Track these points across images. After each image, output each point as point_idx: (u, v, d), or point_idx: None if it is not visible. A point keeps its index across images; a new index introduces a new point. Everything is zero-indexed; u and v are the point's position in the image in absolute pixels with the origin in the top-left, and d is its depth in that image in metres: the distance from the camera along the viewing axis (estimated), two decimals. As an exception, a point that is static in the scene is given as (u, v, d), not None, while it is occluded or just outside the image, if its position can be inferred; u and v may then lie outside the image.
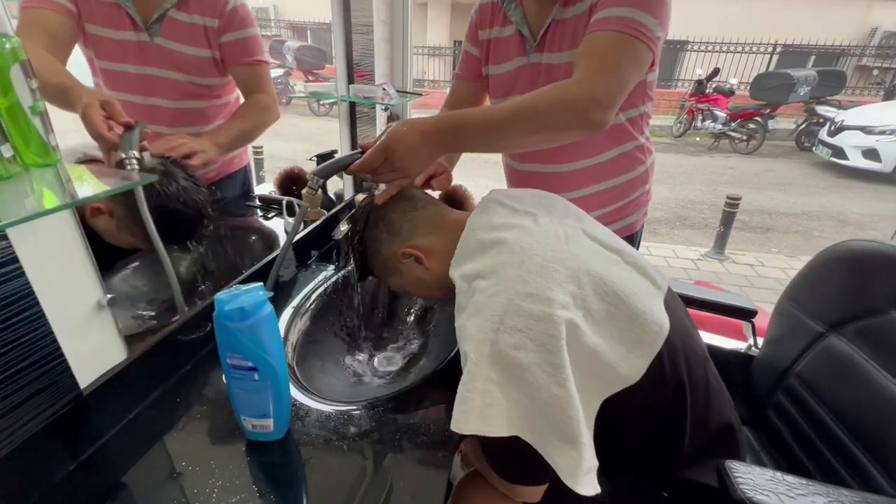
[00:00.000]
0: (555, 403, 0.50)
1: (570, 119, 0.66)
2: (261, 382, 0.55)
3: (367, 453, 0.60)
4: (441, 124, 0.64)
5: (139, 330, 0.77)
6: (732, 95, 6.87)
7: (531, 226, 0.62)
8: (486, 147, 0.69)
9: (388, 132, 0.63)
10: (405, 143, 0.62)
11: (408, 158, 0.63)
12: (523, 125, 0.65)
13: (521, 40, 0.88)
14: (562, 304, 0.53)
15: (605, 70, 0.68)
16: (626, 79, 0.69)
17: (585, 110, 0.66)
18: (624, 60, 0.69)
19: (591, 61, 0.69)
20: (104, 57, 0.84)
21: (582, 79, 0.67)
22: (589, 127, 0.67)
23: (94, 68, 0.86)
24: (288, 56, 5.57)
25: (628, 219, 1.00)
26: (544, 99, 0.66)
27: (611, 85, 0.67)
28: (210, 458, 0.58)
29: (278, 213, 1.21)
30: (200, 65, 0.92)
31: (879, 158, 5.16)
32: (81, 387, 0.56)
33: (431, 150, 0.64)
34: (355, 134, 1.30)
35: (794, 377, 0.95)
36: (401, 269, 0.69)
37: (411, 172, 0.66)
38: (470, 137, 0.66)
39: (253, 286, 0.53)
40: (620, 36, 0.69)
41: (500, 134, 0.66)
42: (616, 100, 0.68)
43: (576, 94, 0.66)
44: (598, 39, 0.71)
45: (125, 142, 0.64)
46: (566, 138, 0.70)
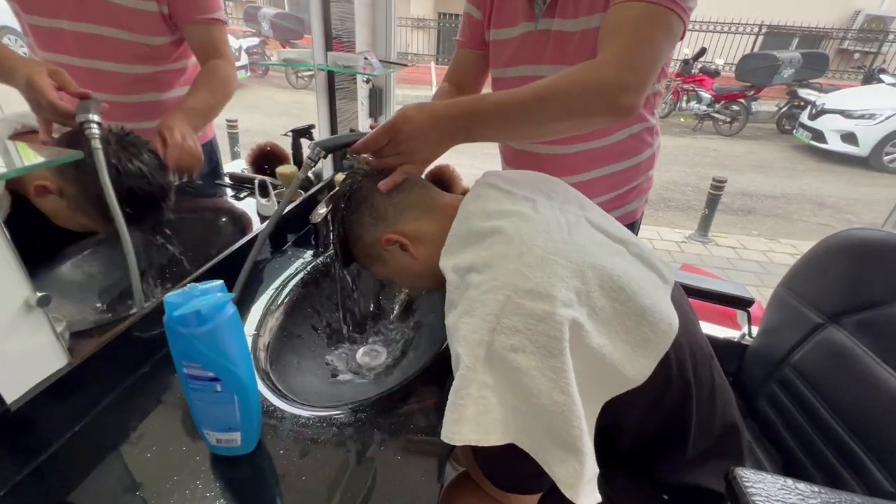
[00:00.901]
0: (556, 411, 0.45)
1: (597, 104, 0.59)
2: (224, 394, 0.48)
3: (350, 465, 0.54)
4: (453, 110, 0.58)
5: (90, 326, 0.69)
6: (718, 76, 6.85)
7: (530, 213, 0.56)
8: (503, 135, 0.63)
9: (398, 112, 0.58)
10: (413, 124, 0.57)
11: (414, 141, 0.58)
12: (544, 111, 0.59)
13: (528, 3, 0.79)
14: (564, 302, 0.47)
15: (636, 48, 0.60)
16: (658, 56, 0.62)
17: (614, 94, 0.59)
18: (656, 35, 0.61)
19: (620, 38, 0.61)
20: (32, 11, 0.72)
21: (610, 59, 0.60)
22: (618, 112, 0.60)
23: (22, 25, 0.74)
24: (264, 24, 5.27)
25: (629, 206, 0.94)
26: (568, 82, 0.59)
27: (642, 64, 0.60)
28: (171, 474, 0.52)
29: (251, 192, 1.11)
30: (146, 21, 0.80)
31: (857, 143, 5.24)
32: (9, 402, 0.48)
33: (440, 135, 0.59)
34: (334, 108, 1.19)
35: (789, 368, 0.93)
36: (385, 256, 0.63)
37: (417, 157, 0.60)
38: (485, 125, 0.59)
39: (212, 284, 0.45)
40: (651, 7, 0.61)
41: (519, 121, 0.59)
42: (648, 81, 0.61)
43: (603, 77, 0.59)
44: (625, 12, 0.62)
45: (83, 107, 0.56)
46: (592, 125, 0.63)
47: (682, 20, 0.63)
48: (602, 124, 0.64)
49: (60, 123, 0.61)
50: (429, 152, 0.60)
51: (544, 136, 0.63)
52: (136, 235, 0.72)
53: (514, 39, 0.82)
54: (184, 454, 0.54)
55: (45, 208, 0.64)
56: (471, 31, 0.89)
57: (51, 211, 0.65)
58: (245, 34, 4.85)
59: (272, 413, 0.60)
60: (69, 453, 0.53)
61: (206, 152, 1.07)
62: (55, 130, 0.63)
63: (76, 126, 0.57)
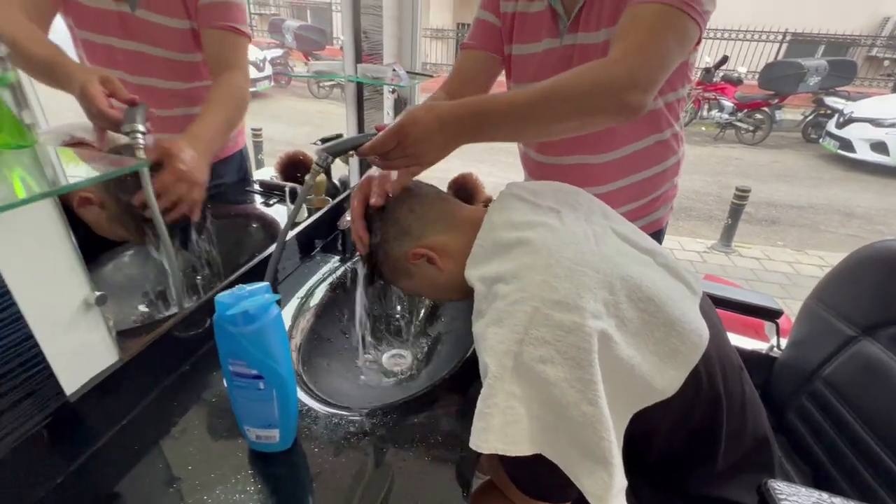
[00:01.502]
0: (585, 422, 0.45)
1: (604, 102, 0.59)
2: (266, 391, 0.50)
3: (382, 466, 0.56)
4: (461, 110, 0.58)
5: (131, 326, 0.72)
6: (740, 84, 6.74)
7: (556, 224, 0.57)
8: (511, 136, 0.62)
9: (405, 114, 0.58)
10: (421, 126, 0.57)
11: (422, 144, 0.58)
12: (553, 110, 0.59)
13: (552, 18, 0.79)
14: (593, 313, 0.48)
15: (647, 47, 0.60)
16: (669, 57, 0.61)
17: (621, 92, 0.58)
18: (668, 36, 0.61)
19: (631, 37, 0.61)
20: (84, 27, 0.76)
21: (620, 57, 0.60)
22: (624, 111, 0.60)
23: (74, 38, 0.78)
24: (287, 36, 5.41)
25: (654, 214, 0.93)
26: (577, 80, 0.59)
27: (652, 64, 0.60)
28: (211, 469, 0.54)
29: (280, 199, 1.14)
30: (183, 39, 0.84)
31: (888, 152, 5.08)
32: (68, 393, 0.51)
33: (447, 137, 0.58)
34: (362, 117, 1.23)
35: (820, 381, 0.91)
36: (412, 270, 0.63)
37: (425, 160, 0.60)
38: (493, 125, 0.59)
39: (258, 286, 0.48)
40: (665, 8, 0.61)
41: (527, 121, 0.59)
42: (657, 81, 0.61)
43: (612, 75, 0.58)
44: (639, 12, 0.63)
45: (130, 115, 0.58)
46: (599, 124, 0.63)
47: (696, 23, 0.62)
48: (608, 123, 0.63)
49: (111, 130, 0.63)
50: (435, 154, 0.60)
51: (553, 135, 0.63)
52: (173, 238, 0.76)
53: (538, 55, 0.82)
54: (224, 449, 0.56)
55: (87, 218, 0.67)
56: (485, 35, 0.88)
57: (92, 221, 0.68)
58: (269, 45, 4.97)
59: (306, 413, 0.62)
60: (116, 446, 0.56)
61: (236, 161, 1.12)
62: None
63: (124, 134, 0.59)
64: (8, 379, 0.44)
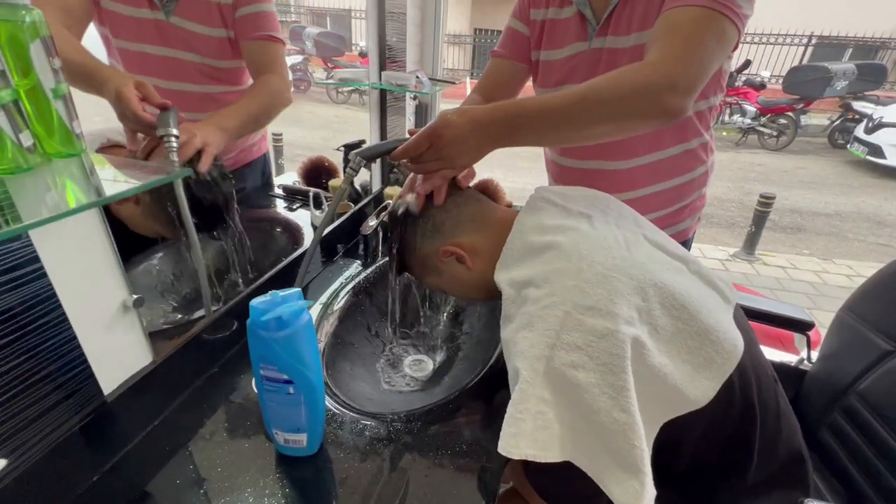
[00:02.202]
0: (617, 430, 0.45)
1: (642, 106, 0.58)
2: (296, 396, 0.50)
3: (407, 474, 0.56)
4: (494, 114, 0.58)
5: (160, 327, 0.74)
6: (763, 89, 6.61)
7: (587, 229, 0.57)
8: (544, 140, 0.62)
9: (438, 117, 0.58)
10: (454, 130, 0.57)
11: (454, 147, 0.58)
12: (588, 114, 0.58)
13: (581, 23, 0.79)
14: (626, 320, 0.47)
15: (687, 50, 0.59)
16: (709, 61, 0.60)
17: (661, 95, 0.57)
18: (708, 39, 0.60)
19: (670, 41, 0.60)
20: (121, 35, 0.80)
21: (658, 61, 0.59)
22: (664, 115, 0.59)
23: (109, 48, 0.81)
24: (307, 42, 5.52)
25: (680, 224, 0.92)
26: (613, 84, 0.58)
27: (692, 67, 0.58)
28: (240, 471, 0.55)
29: (303, 204, 1.16)
30: (216, 46, 0.87)
31: (920, 158, 4.92)
32: (105, 393, 0.52)
33: (481, 140, 0.59)
34: (385, 124, 1.24)
35: (854, 396, 0.88)
36: (440, 267, 0.64)
37: (457, 163, 0.60)
38: (526, 129, 0.59)
39: (291, 292, 0.48)
40: (705, 11, 0.60)
41: (561, 125, 0.59)
42: (697, 84, 0.59)
43: (650, 78, 0.58)
44: (678, 16, 0.62)
45: (163, 120, 0.60)
46: (636, 129, 0.62)
47: (736, 27, 0.61)
48: (646, 128, 0.62)
49: (144, 133, 0.65)
50: (468, 157, 0.60)
51: (587, 139, 0.62)
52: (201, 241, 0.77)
53: (566, 59, 0.82)
54: (252, 452, 0.57)
55: (122, 214, 0.69)
56: (517, 45, 0.89)
57: (127, 217, 0.70)
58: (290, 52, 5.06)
59: (331, 418, 0.63)
60: (148, 446, 0.57)
61: (259, 166, 1.14)
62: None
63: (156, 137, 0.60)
64: (52, 379, 0.45)
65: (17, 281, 0.40)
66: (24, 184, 0.37)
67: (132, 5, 0.78)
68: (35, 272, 0.42)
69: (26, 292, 0.41)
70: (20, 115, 0.36)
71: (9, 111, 0.35)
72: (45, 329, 0.43)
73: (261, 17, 0.87)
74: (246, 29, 0.87)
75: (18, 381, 0.42)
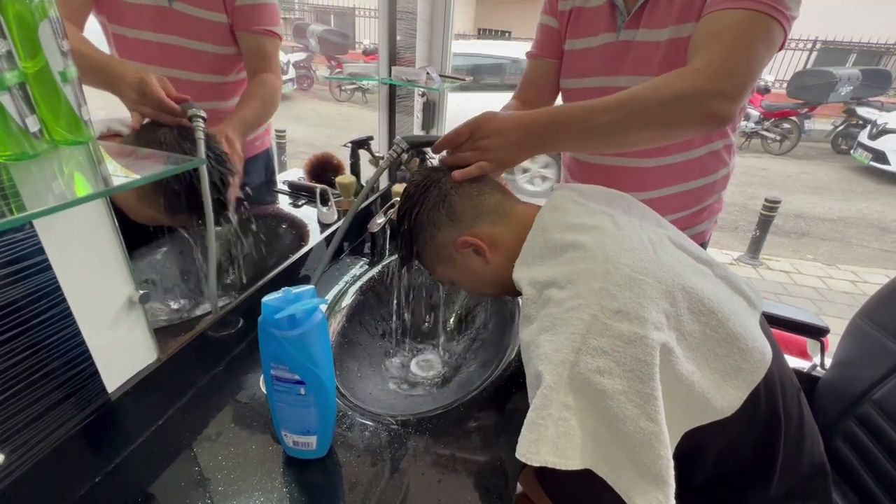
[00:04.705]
0: (643, 439, 0.43)
1: (690, 112, 0.57)
2: (307, 397, 0.49)
3: (419, 480, 0.54)
4: (538, 115, 0.58)
5: (163, 324, 0.72)
6: (767, 93, 6.60)
7: (611, 228, 0.55)
8: (587, 145, 0.61)
9: (482, 113, 0.58)
10: (496, 122, 0.57)
11: (495, 138, 0.57)
12: (633, 120, 0.57)
13: (611, 13, 0.76)
14: (655, 325, 0.46)
15: (733, 55, 0.57)
16: (757, 66, 0.58)
17: (708, 102, 0.56)
18: (756, 43, 0.58)
19: (717, 46, 0.58)
20: (119, 22, 0.77)
21: (704, 66, 0.57)
22: (712, 121, 0.57)
23: (107, 34, 0.79)
24: (311, 40, 5.49)
25: (699, 226, 0.90)
26: (659, 90, 0.57)
27: (740, 72, 0.57)
28: (247, 473, 0.53)
29: (308, 200, 1.14)
30: (218, 32, 0.85)
31: (924, 164, 4.91)
32: (109, 391, 0.50)
33: (522, 138, 0.58)
34: (394, 120, 1.22)
35: (870, 404, 0.86)
36: (456, 258, 0.62)
37: (495, 155, 0.59)
38: (570, 132, 0.59)
39: (304, 289, 0.46)
40: (752, 14, 0.58)
41: (605, 130, 0.58)
42: (745, 90, 0.58)
43: (697, 84, 0.56)
44: (723, 19, 0.60)
45: (188, 104, 0.62)
46: (682, 135, 0.61)
47: (783, 29, 0.59)
48: (694, 134, 0.61)
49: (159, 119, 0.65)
50: (508, 154, 0.59)
51: (630, 145, 0.61)
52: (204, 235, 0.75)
53: (594, 49, 0.80)
54: (259, 454, 0.55)
55: (119, 200, 0.66)
56: (548, 41, 0.87)
57: (122, 202, 0.67)
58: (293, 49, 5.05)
59: (340, 419, 0.61)
60: (152, 446, 0.55)
61: (262, 161, 1.12)
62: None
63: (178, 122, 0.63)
64: (55, 376, 0.43)
65: (20, 273, 0.38)
66: (30, 171, 0.36)
67: None
68: (39, 264, 0.40)
69: (30, 285, 0.39)
70: (26, 98, 0.34)
71: (14, 95, 0.33)
72: (48, 324, 0.42)
73: (262, 9, 0.85)
74: (245, 20, 0.85)
75: (21, 378, 0.40)
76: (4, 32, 0.32)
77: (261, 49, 0.87)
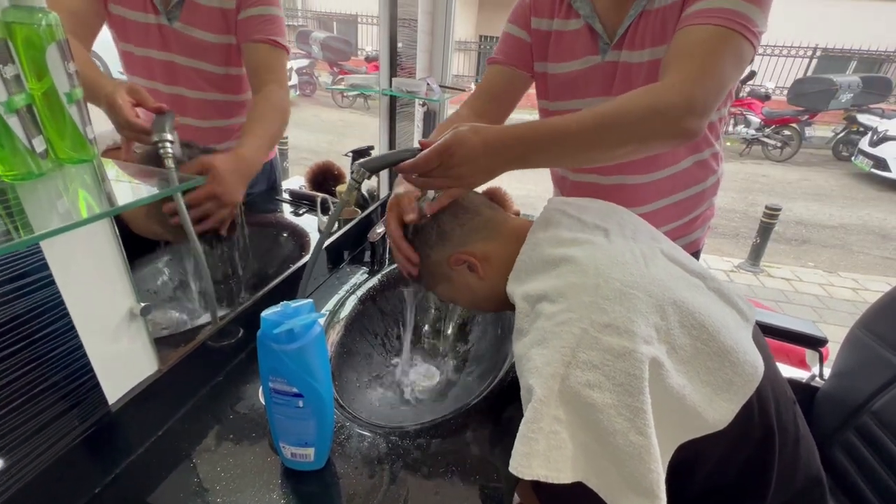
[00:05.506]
0: (633, 452, 0.43)
1: (661, 128, 0.58)
2: (305, 410, 0.49)
3: (416, 490, 0.54)
4: (508, 136, 0.57)
5: (161, 335, 0.73)
6: (768, 100, 6.62)
7: (603, 242, 0.55)
8: (559, 162, 0.61)
9: (451, 134, 0.56)
10: (466, 149, 0.55)
11: (466, 166, 0.56)
12: (608, 137, 0.57)
13: (591, 36, 0.77)
14: (645, 339, 0.46)
15: (704, 71, 0.58)
16: (726, 81, 0.60)
17: (678, 118, 0.57)
18: (725, 60, 0.59)
19: (688, 62, 0.59)
20: (126, 39, 0.79)
21: (677, 82, 0.58)
22: (680, 136, 0.59)
23: (118, 50, 0.81)
24: (314, 47, 5.54)
25: (692, 235, 0.90)
26: (633, 106, 0.57)
27: (709, 89, 0.58)
28: (245, 485, 0.53)
29: (310, 209, 1.15)
30: (220, 53, 0.85)
31: (925, 171, 4.91)
32: (110, 403, 0.51)
33: (492, 161, 0.57)
34: (394, 130, 1.24)
35: (869, 415, 0.86)
36: (451, 275, 0.63)
37: (467, 182, 0.59)
38: (542, 151, 0.58)
39: (302, 303, 0.47)
40: (722, 31, 0.59)
41: (579, 147, 0.58)
42: (714, 105, 0.59)
43: (669, 101, 0.57)
44: (694, 35, 0.61)
45: (158, 124, 0.58)
46: (653, 150, 0.61)
47: (752, 45, 0.61)
48: (662, 149, 0.61)
49: (138, 141, 0.63)
50: (478, 178, 0.59)
51: (603, 161, 0.61)
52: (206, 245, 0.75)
53: (579, 72, 0.80)
54: (257, 465, 0.56)
55: (124, 215, 0.67)
56: (517, 52, 0.85)
57: (129, 218, 0.68)
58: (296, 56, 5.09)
59: (338, 430, 0.61)
60: (151, 457, 0.56)
61: (265, 170, 1.13)
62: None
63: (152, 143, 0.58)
64: (57, 388, 0.44)
65: (25, 289, 0.39)
66: (35, 189, 0.37)
67: (137, 10, 0.77)
68: (43, 280, 0.41)
69: (34, 300, 0.40)
70: (33, 119, 0.35)
71: (22, 116, 0.34)
72: (51, 338, 0.42)
73: (265, 19, 0.83)
74: (248, 31, 0.83)
75: (24, 391, 0.41)
76: (13, 56, 0.33)
77: (266, 59, 0.84)
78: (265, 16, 0.84)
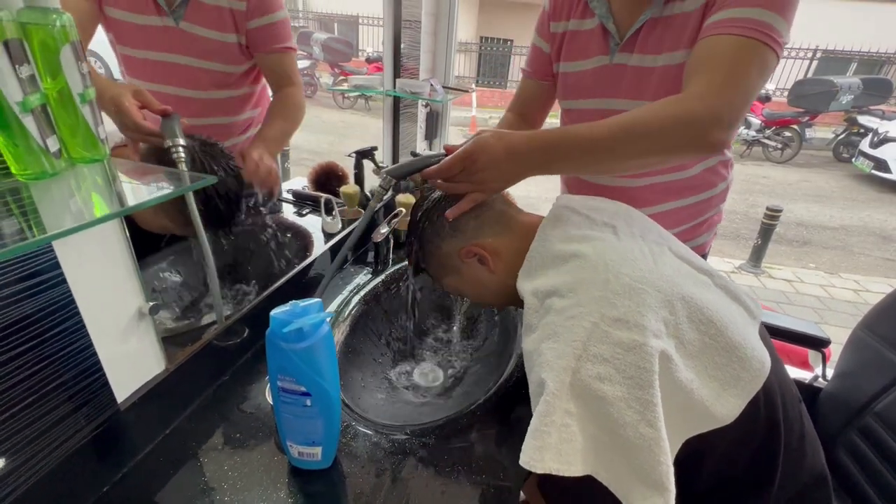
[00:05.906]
0: (642, 445, 0.44)
1: (687, 139, 0.57)
2: (313, 409, 0.49)
3: (423, 491, 0.54)
4: (532, 143, 0.58)
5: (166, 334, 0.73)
6: (768, 101, 6.63)
7: (612, 239, 0.56)
8: (583, 169, 0.62)
9: (474, 139, 0.57)
10: (490, 155, 0.56)
11: (489, 171, 0.57)
12: (633, 146, 0.57)
13: (604, 36, 0.77)
14: (654, 333, 0.47)
15: (731, 83, 0.58)
16: (752, 92, 0.59)
17: (706, 129, 0.57)
18: (752, 70, 0.59)
19: (715, 72, 0.59)
20: (125, 42, 0.79)
21: (704, 93, 0.58)
22: (707, 148, 0.58)
23: (116, 54, 0.81)
24: (315, 48, 5.55)
25: (698, 239, 0.90)
26: (659, 116, 0.57)
27: (736, 100, 0.58)
28: (252, 483, 0.53)
29: (313, 209, 1.15)
30: (227, 51, 0.86)
31: (925, 173, 4.91)
32: (119, 402, 0.51)
33: (516, 167, 0.58)
34: (398, 130, 1.24)
35: (872, 416, 0.87)
36: (461, 268, 0.64)
37: (489, 187, 0.60)
38: (564, 159, 0.59)
39: (311, 302, 0.47)
40: (747, 41, 0.59)
41: (603, 156, 0.58)
42: (741, 117, 0.59)
43: (696, 112, 0.57)
44: (720, 45, 0.60)
45: (168, 129, 0.59)
46: (678, 160, 0.62)
47: (776, 55, 0.60)
48: (689, 160, 0.62)
49: (145, 142, 0.65)
50: (501, 183, 0.60)
51: (626, 170, 0.62)
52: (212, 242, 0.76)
53: (588, 72, 0.80)
54: (264, 464, 0.56)
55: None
56: (538, 62, 0.89)
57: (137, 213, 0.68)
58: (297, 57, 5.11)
59: (345, 430, 0.62)
60: (159, 456, 0.56)
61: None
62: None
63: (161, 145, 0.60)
64: (68, 387, 0.44)
65: (37, 287, 0.39)
66: (49, 189, 0.37)
67: (139, 12, 0.77)
68: (55, 278, 0.41)
69: (45, 299, 0.40)
70: (47, 119, 0.36)
71: (37, 116, 0.34)
72: (62, 337, 0.43)
73: (276, 27, 0.88)
74: (262, 41, 0.88)
75: (35, 390, 0.41)
76: (28, 57, 0.34)
77: (280, 66, 0.92)
78: (275, 22, 0.88)
